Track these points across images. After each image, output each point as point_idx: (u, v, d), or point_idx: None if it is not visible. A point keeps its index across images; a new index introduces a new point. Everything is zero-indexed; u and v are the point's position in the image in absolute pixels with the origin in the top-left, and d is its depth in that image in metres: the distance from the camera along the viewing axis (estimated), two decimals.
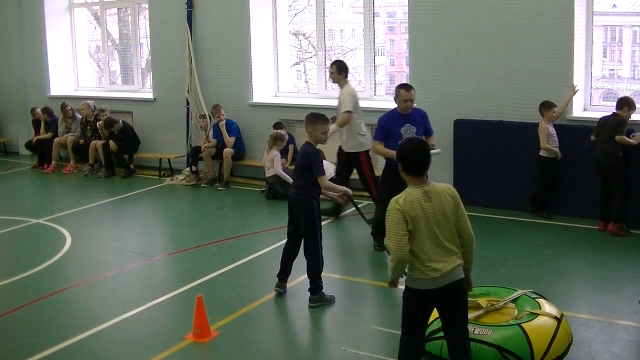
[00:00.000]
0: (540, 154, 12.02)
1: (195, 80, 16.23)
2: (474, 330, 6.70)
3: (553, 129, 12.03)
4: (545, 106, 12.03)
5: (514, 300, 7.50)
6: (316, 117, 9.00)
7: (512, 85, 12.79)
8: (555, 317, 7.16)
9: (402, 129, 10.23)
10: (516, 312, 7.28)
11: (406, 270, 6.01)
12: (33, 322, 8.96)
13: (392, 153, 9.15)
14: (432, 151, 8.48)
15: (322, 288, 8.96)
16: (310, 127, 8.94)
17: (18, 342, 8.38)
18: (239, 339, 8.20)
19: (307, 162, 8.90)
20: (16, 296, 9.79)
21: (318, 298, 8.93)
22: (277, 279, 9.26)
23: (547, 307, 7.37)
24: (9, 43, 19.92)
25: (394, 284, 6.28)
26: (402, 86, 10.67)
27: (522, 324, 6.97)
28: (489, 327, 6.90)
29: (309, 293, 8.92)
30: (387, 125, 10.46)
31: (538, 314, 7.18)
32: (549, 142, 11.93)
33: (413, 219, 5.81)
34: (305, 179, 8.89)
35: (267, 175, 14.30)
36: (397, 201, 5.88)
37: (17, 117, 20.18)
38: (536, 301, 7.49)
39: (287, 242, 9.21)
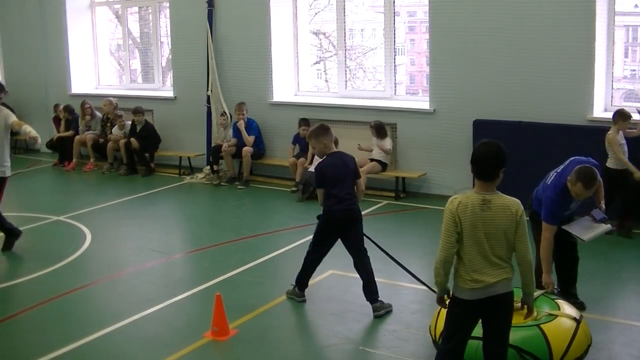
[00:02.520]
0: (608, 165, 11.17)
1: (216, 78, 16.25)
2: None
3: (623, 138, 11.32)
4: (621, 115, 11.20)
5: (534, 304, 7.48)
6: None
7: (532, 85, 12.75)
8: (575, 319, 7.16)
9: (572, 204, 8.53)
10: (535, 312, 7.25)
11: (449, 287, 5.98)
12: (53, 318, 9.01)
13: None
14: (598, 230, 8.29)
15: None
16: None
17: (38, 338, 8.43)
18: (258, 337, 8.21)
19: (355, 169, 8.83)
20: (37, 293, 9.84)
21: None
22: (299, 289, 9.16)
23: (566, 308, 7.37)
24: (30, 41, 20.01)
25: (441, 300, 6.16)
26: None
27: (540, 325, 6.96)
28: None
29: (372, 302, 8.71)
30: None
31: (557, 315, 7.17)
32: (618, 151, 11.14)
33: (463, 223, 5.70)
34: (352, 188, 8.77)
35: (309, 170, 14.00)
36: (453, 202, 5.76)
37: (38, 116, 20.24)
38: (555, 302, 7.48)
39: (320, 254, 9.03)
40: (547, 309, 7.34)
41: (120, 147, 17.22)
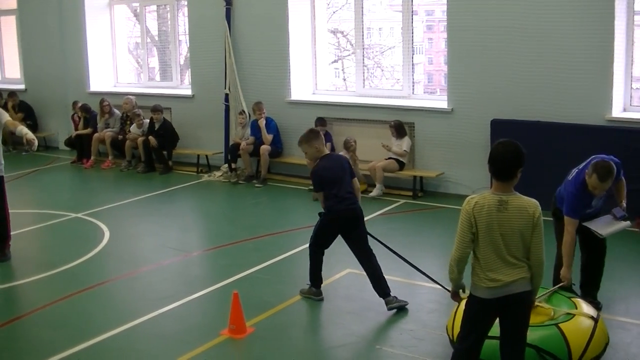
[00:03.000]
0: None
1: (235, 76, 16.27)
2: None
3: None
4: None
5: (549, 301, 7.48)
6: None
7: (550, 85, 12.71)
8: (592, 317, 7.16)
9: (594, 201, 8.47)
10: (552, 312, 7.25)
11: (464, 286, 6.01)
12: (71, 315, 9.05)
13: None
14: (617, 227, 8.28)
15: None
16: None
17: (56, 334, 8.47)
18: (275, 335, 8.22)
19: (350, 169, 8.95)
20: (55, 289, 9.90)
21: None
22: (315, 286, 9.18)
23: (583, 306, 7.38)
24: (50, 40, 20.10)
25: (455, 294, 6.20)
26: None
27: (559, 324, 6.97)
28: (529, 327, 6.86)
29: (384, 296, 8.77)
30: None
31: (574, 314, 7.17)
32: None
33: (478, 224, 5.70)
34: (351, 187, 8.85)
35: None
36: (470, 202, 5.76)
37: (57, 113, 20.36)
38: (572, 301, 7.48)
39: (323, 249, 9.08)
40: (564, 307, 7.34)
41: (138, 145, 17.26)
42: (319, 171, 8.77)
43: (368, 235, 8.94)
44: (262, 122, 15.56)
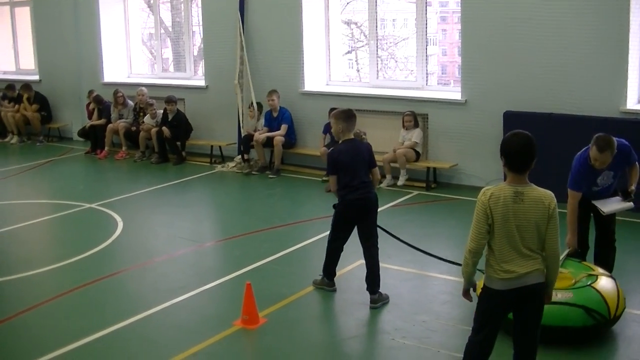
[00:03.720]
0: None
1: (246, 68, 16.27)
2: (556, 295, 6.93)
3: None
4: None
5: (564, 266, 7.82)
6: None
7: (563, 77, 12.66)
8: (611, 276, 7.81)
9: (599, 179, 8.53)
10: (572, 275, 7.69)
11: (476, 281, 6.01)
12: (84, 305, 9.10)
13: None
14: (620, 206, 8.51)
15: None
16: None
17: (69, 324, 8.52)
18: (287, 326, 8.24)
19: (370, 159, 8.83)
20: (68, 279, 9.94)
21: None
22: (328, 277, 9.16)
23: (598, 268, 8.01)
24: (64, 31, 20.12)
25: (467, 293, 6.18)
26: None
27: (592, 285, 7.49)
28: (568, 290, 7.35)
29: (371, 293, 8.74)
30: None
31: (596, 275, 7.70)
32: None
33: (494, 215, 5.68)
34: (367, 177, 8.79)
35: None
36: (485, 193, 5.74)
37: (71, 104, 20.41)
38: (583, 264, 8.08)
39: (340, 242, 9.04)
40: (582, 271, 7.81)
41: (152, 136, 17.29)
42: (334, 153, 8.73)
43: (378, 228, 8.91)
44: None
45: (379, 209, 8.90)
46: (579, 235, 8.31)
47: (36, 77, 21.50)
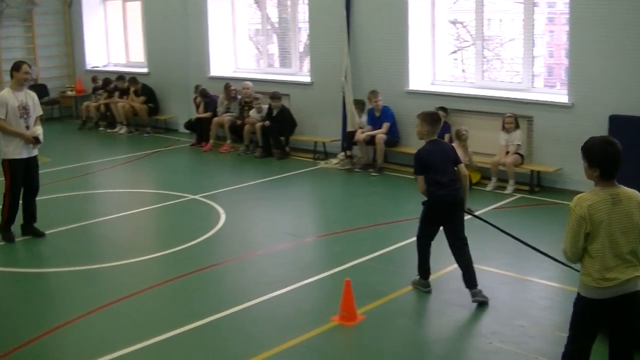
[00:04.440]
0: None
1: (351, 65, 16.28)
2: None
3: None
4: None
5: None
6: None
7: None
8: None
9: None
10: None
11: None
12: (184, 294, 9.26)
13: None
14: None
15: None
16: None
17: (170, 311, 8.71)
18: (385, 324, 8.24)
19: (455, 157, 8.94)
20: (170, 268, 10.14)
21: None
22: (423, 277, 9.16)
23: None
24: (173, 25, 20.46)
25: None
26: None
27: None
28: None
29: (471, 288, 8.73)
30: None
31: None
32: None
33: (595, 224, 5.59)
34: (454, 174, 8.83)
35: None
36: (581, 204, 5.63)
37: (178, 96, 20.75)
38: None
39: (428, 239, 9.05)
40: None
41: (256, 130, 17.44)
42: (421, 153, 8.81)
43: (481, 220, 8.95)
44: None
45: (482, 211, 8.87)
46: None
47: (145, 70, 21.95)
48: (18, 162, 11.20)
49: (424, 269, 9.08)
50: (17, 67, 11.22)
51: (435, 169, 8.68)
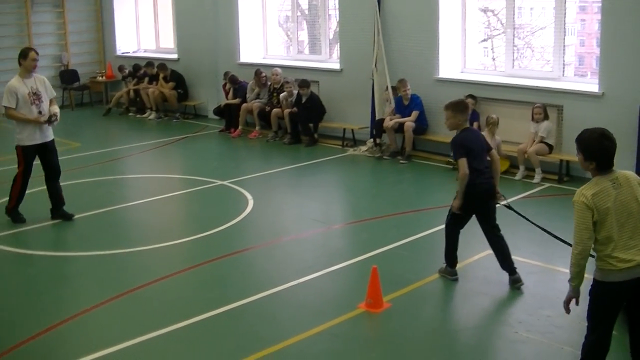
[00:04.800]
0: None
1: (381, 53, 16.26)
2: None
3: None
4: None
5: None
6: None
7: None
8: None
9: None
10: None
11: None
12: (212, 279, 9.34)
13: None
14: None
15: None
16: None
17: (198, 296, 8.76)
18: (411, 312, 8.26)
19: (487, 145, 9.01)
20: (198, 253, 10.22)
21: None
22: (450, 265, 9.17)
23: None
24: (203, 11, 20.48)
25: (569, 300, 6.10)
26: None
27: None
28: None
29: (512, 274, 8.81)
30: None
31: None
32: None
33: (602, 212, 5.65)
34: (487, 162, 8.88)
35: None
36: (585, 194, 5.70)
37: (207, 82, 20.79)
38: None
39: (459, 227, 9.07)
40: None
41: (284, 117, 17.46)
42: (461, 139, 8.82)
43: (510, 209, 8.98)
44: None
45: (510, 200, 8.89)
46: None
47: (175, 56, 22.00)
48: (32, 148, 11.34)
49: (452, 257, 9.07)
50: (24, 54, 11.28)
51: (474, 155, 8.70)
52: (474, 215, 8.92)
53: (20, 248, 10.64)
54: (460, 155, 8.73)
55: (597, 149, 5.75)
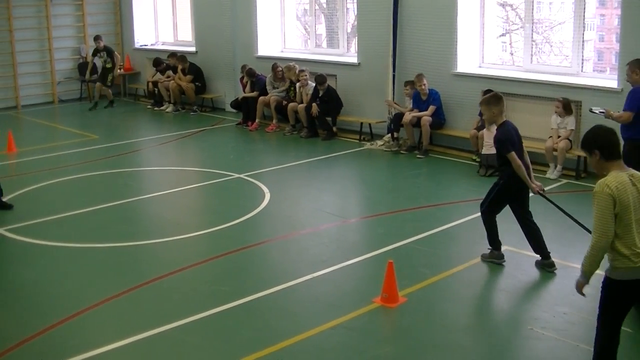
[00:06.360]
0: None
1: (399, 47, 16.21)
2: None
3: None
4: None
5: None
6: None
7: None
8: None
9: None
10: None
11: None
12: (228, 272, 9.35)
13: None
14: None
15: None
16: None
17: (212, 288, 8.79)
18: (426, 307, 8.25)
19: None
20: (215, 246, 10.25)
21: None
22: (496, 249, 9.30)
23: None
24: (222, 4, 20.47)
25: (582, 285, 6.12)
26: None
27: None
28: None
29: (545, 258, 9.08)
30: None
31: None
32: None
33: (624, 205, 5.66)
34: None
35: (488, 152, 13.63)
36: (609, 185, 5.70)
37: (225, 76, 20.79)
38: None
39: (495, 215, 9.27)
40: None
41: (299, 111, 17.44)
42: (503, 135, 9.04)
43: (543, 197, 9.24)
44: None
45: (532, 196, 9.05)
46: None
47: (193, 49, 22.02)
48: None
49: (495, 241, 9.26)
50: None
51: (516, 147, 9.03)
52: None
53: (35, 239, 10.65)
54: (508, 150, 8.94)
55: (600, 139, 5.90)
